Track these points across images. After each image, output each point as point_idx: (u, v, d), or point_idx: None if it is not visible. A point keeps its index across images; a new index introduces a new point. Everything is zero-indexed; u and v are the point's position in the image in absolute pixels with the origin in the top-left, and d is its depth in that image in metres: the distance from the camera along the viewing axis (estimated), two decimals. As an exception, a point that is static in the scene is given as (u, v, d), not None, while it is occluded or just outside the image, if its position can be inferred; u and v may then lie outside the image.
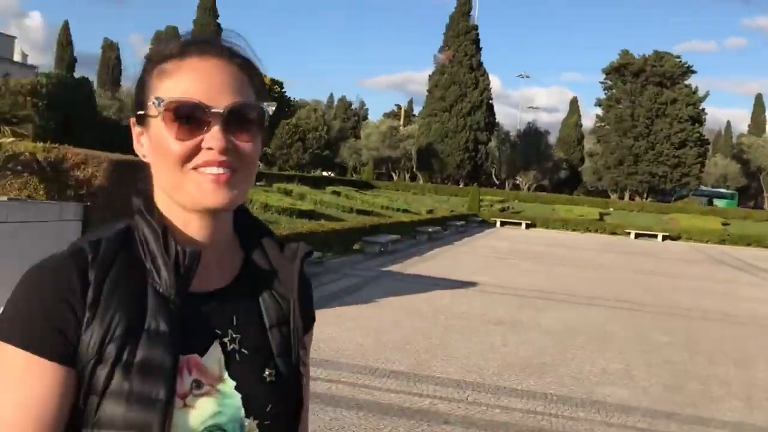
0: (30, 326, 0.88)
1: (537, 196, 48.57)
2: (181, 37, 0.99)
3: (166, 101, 0.93)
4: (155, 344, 0.90)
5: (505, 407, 5.66)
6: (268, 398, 0.99)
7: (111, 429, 0.88)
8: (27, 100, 39.20)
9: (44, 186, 7.33)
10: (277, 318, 1.03)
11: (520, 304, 11.06)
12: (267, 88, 1.05)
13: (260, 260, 1.05)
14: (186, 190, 0.94)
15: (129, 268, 0.93)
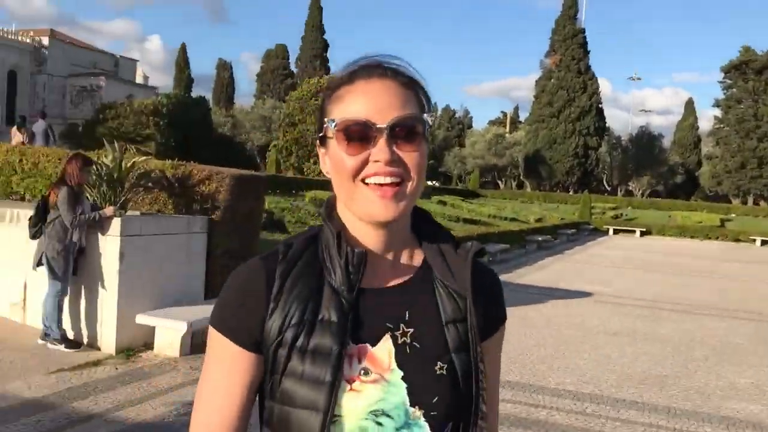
0: (228, 318, 1.08)
1: (651, 202, 46.65)
2: (351, 64, 1.10)
3: (337, 122, 1.05)
4: (326, 333, 1.03)
5: (626, 420, 5.51)
6: (436, 391, 1.05)
7: (288, 404, 1.03)
8: (149, 120, 41.79)
9: (172, 201, 7.80)
10: (454, 315, 1.09)
11: (636, 315, 10.70)
12: (431, 102, 1.13)
13: (436, 260, 1.12)
14: (358, 202, 1.05)
15: (310, 266, 1.08)
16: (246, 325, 1.06)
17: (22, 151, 8.93)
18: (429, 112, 1.09)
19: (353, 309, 1.05)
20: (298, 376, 1.02)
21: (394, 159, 1.03)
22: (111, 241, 6.53)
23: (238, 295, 1.08)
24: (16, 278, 7.15)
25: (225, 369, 1.07)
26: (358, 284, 1.06)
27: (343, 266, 1.05)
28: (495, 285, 1.20)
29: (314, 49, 71.64)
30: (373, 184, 1.03)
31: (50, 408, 4.97)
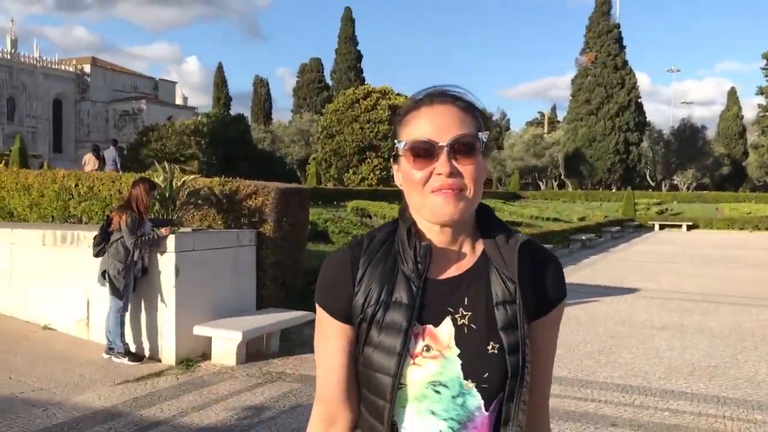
0: (326, 297, 1.33)
1: (697, 195, 45.83)
2: (418, 93, 1.32)
3: (405, 142, 1.27)
4: (398, 311, 1.25)
5: (675, 410, 5.57)
6: (486, 367, 1.24)
7: (368, 368, 1.27)
8: (191, 140, 42.70)
9: (221, 216, 8.10)
10: (503, 297, 1.26)
11: (684, 309, 10.65)
12: (489, 122, 1.35)
13: (492, 250, 1.30)
14: (427, 208, 1.26)
15: (388, 255, 1.30)
16: (340, 301, 1.30)
17: (78, 176, 9.37)
18: (485, 131, 1.28)
19: (421, 293, 1.25)
20: (375, 345, 1.26)
21: (453, 172, 1.22)
22: (167, 257, 6.85)
23: (332, 276, 1.32)
24: (79, 296, 7.52)
25: (328, 338, 1.33)
26: (425, 272, 1.26)
27: (412, 257, 1.27)
28: (553, 267, 1.34)
29: (348, 61, 72.31)
30: (437, 193, 1.23)
31: (120, 416, 5.26)
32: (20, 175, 10.02)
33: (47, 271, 7.86)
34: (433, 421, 1.24)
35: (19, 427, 4.96)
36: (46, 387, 5.95)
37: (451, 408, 1.23)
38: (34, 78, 75.02)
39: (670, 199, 43.55)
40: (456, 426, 1.23)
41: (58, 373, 6.37)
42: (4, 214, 9.92)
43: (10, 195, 9.80)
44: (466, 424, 1.24)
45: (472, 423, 1.24)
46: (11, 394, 5.70)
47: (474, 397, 1.24)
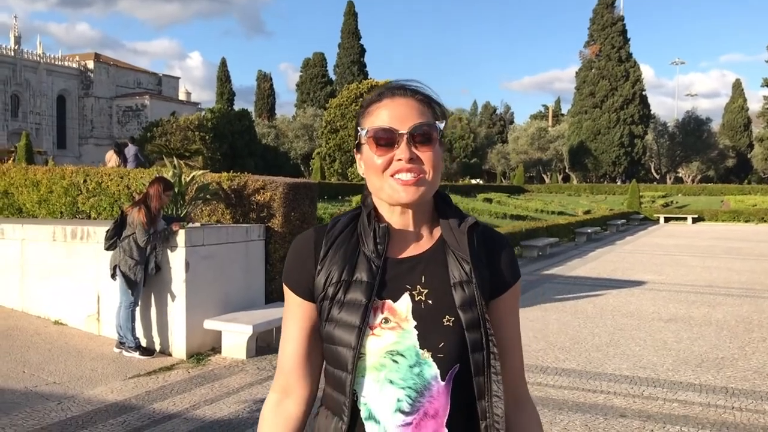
0: (290, 275, 1.42)
1: (702, 187, 45.75)
2: (379, 88, 1.41)
3: (368, 129, 1.35)
4: (358, 290, 1.32)
5: (683, 401, 5.60)
6: (442, 338, 1.31)
7: (330, 343, 1.34)
8: (195, 135, 42.69)
9: (230, 211, 8.14)
10: (460, 277, 1.33)
11: (691, 301, 10.67)
12: (445, 113, 1.42)
13: (448, 234, 1.38)
14: (386, 191, 1.33)
15: (350, 237, 1.38)
16: (302, 280, 1.39)
17: (86, 172, 9.41)
18: (441, 120, 1.37)
19: (380, 272, 1.33)
20: (336, 321, 1.33)
21: (413, 157, 1.31)
22: (177, 253, 6.89)
23: (296, 256, 1.42)
24: (89, 291, 7.58)
25: (291, 314, 1.42)
26: (384, 253, 1.34)
27: (372, 238, 1.35)
28: (503, 250, 1.42)
29: (351, 56, 72.23)
30: (397, 178, 1.31)
31: (133, 409, 5.31)
32: (29, 171, 10.07)
33: (57, 267, 7.91)
34: (391, 389, 1.30)
35: (35, 420, 5.01)
36: (60, 381, 6.00)
37: (409, 377, 1.30)
38: (37, 74, 75.10)
39: (676, 192, 43.51)
40: (413, 394, 1.29)
41: (70, 367, 6.43)
42: (14, 210, 9.97)
43: (19, 191, 9.85)
44: (423, 392, 1.30)
45: (429, 392, 1.30)
46: (26, 388, 5.76)
47: (430, 366, 1.30)
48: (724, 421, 5.15)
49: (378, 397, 1.30)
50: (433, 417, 1.30)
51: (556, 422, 5.08)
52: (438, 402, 1.30)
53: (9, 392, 5.65)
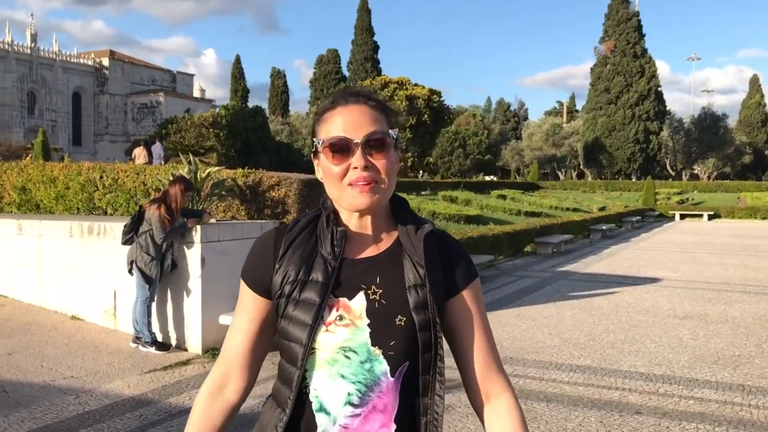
0: (248, 271, 1.47)
1: (719, 184, 45.39)
2: (332, 94, 1.44)
3: (324, 140, 1.38)
4: (313, 289, 1.37)
5: (699, 398, 5.57)
6: (393, 336, 1.36)
7: (284, 338, 1.39)
8: (209, 132, 42.87)
9: (245, 207, 8.18)
10: (414, 281, 1.38)
11: (707, 298, 10.60)
12: (398, 119, 1.48)
13: (405, 238, 1.42)
14: (344, 199, 1.37)
15: (309, 238, 1.43)
16: (259, 277, 1.44)
17: (102, 168, 9.49)
18: (394, 128, 1.41)
19: (336, 272, 1.38)
20: (290, 318, 1.37)
21: (368, 165, 1.34)
22: (193, 249, 6.94)
23: (256, 254, 1.46)
24: (105, 287, 7.64)
25: (244, 307, 1.47)
26: (341, 254, 1.39)
27: (329, 240, 1.40)
28: (457, 254, 1.47)
29: (365, 52, 72.23)
30: (355, 185, 1.35)
31: (149, 404, 5.36)
32: (46, 167, 10.16)
33: (74, 262, 7.98)
34: (342, 383, 1.34)
35: (53, 413, 5.07)
36: (77, 375, 6.06)
37: (360, 372, 1.34)
38: (53, 72, 75.70)
39: (691, 189, 43.22)
40: (363, 389, 1.34)
41: (87, 361, 6.49)
42: (31, 206, 10.07)
43: (36, 187, 9.95)
44: (372, 387, 1.34)
45: (379, 387, 1.35)
46: (44, 382, 5.82)
47: (381, 363, 1.35)
48: (741, 418, 5.12)
49: (329, 390, 1.35)
50: (381, 411, 1.35)
51: (571, 419, 5.07)
52: (387, 397, 1.35)
53: (28, 386, 5.71)
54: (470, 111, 72.52)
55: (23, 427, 4.77)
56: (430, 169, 54.71)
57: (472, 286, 1.47)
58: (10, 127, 64.98)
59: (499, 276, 12.93)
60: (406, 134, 37.72)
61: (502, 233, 15.76)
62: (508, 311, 9.32)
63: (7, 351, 6.71)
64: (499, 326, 8.33)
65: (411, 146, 38.70)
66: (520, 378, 6.09)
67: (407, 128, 37.72)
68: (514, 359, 6.76)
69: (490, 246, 14.34)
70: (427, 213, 19.86)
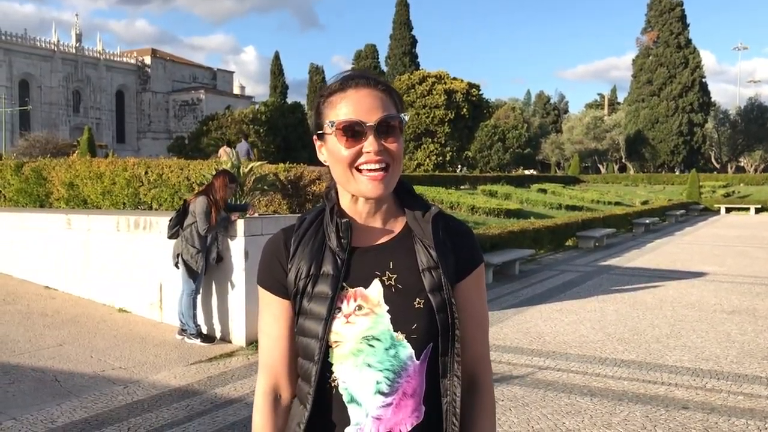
0: (264, 276, 1.46)
1: (766, 177, 44.21)
2: (338, 75, 1.43)
3: (336, 122, 1.35)
4: (325, 282, 1.37)
5: (749, 394, 5.45)
6: (414, 320, 1.36)
7: (302, 335, 1.40)
8: (249, 128, 43.32)
9: (286, 201, 8.26)
10: (428, 264, 1.39)
11: (755, 293, 10.36)
12: (404, 104, 1.46)
13: (414, 222, 1.43)
14: (353, 185, 1.36)
15: (316, 233, 1.43)
16: (276, 279, 1.43)
17: (147, 163, 9.66)
18: (403, 112, 1.40)
19: (348, 263, 1.38)
20: (306, 313, 1.38)
21: (380, 149, 1.33)
22: (237, 242, 7.03)
23: (267, 258, 1.46)
24: (152, 280, 7.79)
25: (271, 314, 1.46)
26: (348, 245, 1.39)
27: (335, 233, 1.39)
28: (465, 236, 1.47)
29: (403, 47, 72.13)
30: (365, 170, 1.34)
31: (196, 394, 5.46)
32: (93, 163, 10.39)
33: (121, 256, 8.16)
34: (370, 372, 1.35)
35: (103, 402, 5.20)
36: (125, 366, 6.21)
37: (386, 359, 1.34)
38: (97, 71, 77.35)
39: (737, 182, 42.23)
40: (391, 376, 1.35)
41: (135, 353, 6.64)
42: (79, 201, 10.32)
43: (83, 183, 10.18)
44: (400, 373, 1.35)
45: (406, 372, 1.36)
46: (94, 372, 5.97)
47: (405, 347, 1.35)
48: (793, 414, 5.00)
49: (358, 380, 1.36)
50: (411, 396, 1.36)
51: (615, 413, 5.01)
52: (414, 381, 1.37)
53: (79, 376, 5.86)
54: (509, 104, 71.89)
55: (75, 416, 4.90)
56: (468, 163, 54.42)
57: (478, 271, 1.48)
58: (57, 125, 66.61)
59: (541, 270, 12.82)
60: (445, 128, 37.57)
61: (543, 227, 15.60)
62: (551, 305, 9.24)
63: (58, 342, 6.90)
64: (542, 320, 8.26)
65: (450, 140, 38.50)
66: (564, 372, 6.04)
67: (446, 122, 37.55)
68: (556, 353, 6.70)
69: (531, 240, 14.22)
70: (467, 207, 19.78)
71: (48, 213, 9.36)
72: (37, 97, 71.34)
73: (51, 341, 6.92)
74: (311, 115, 1.51)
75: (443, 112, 37.38)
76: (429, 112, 36.84)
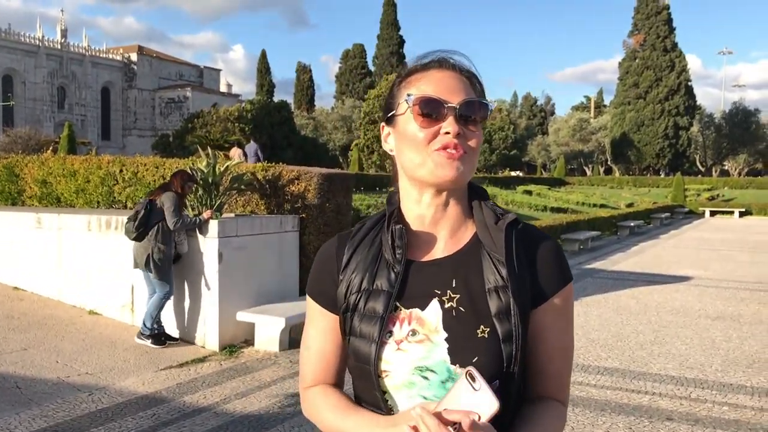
0: (313, 286, 1.33)
1: (750, 180, 44.44)
2: (423, 57, 1.27)
3: (413, 97, 1.19)
4: (377, 298, 1.20)
5: (734, 404, 5.31)
6: (475, 351, 1.15)
7: (352, 358, 1.24)
8: (235, 126, 43.00)
9: (264, 202, 8.04)
10: (495, 283, 1.17)
11: (740, 298, 10.26)
12: (485, 93, 1.27)
13: (483, 233, 1.22)
14: (427, 166, 1.18)
15: (373, 242, 1.26)
16: (325, 291, 1.29)
17: (122, 161, 9.41)
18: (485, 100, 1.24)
19: (405, 278, 1.21)
20: (357, 334, 1.22)
21: (460, 133, 1.17)
22: (210, 243, 6.81)
23: (319, 267, 1.33)
24: (124, 281, 7.55)
25: (317, 327, 1.32)
26: (403, 257, 1.21)
27: (389, 241, 1.23)
28: (547, 250, 1.25)
29: (390, 46, 71.94)
30: (442, 150, 1.17)
31: (163, 402, 5.24)
32: (67, 161, 10.12)
33: (93, 256, 7.91)
34: None
35: (65, 411, 4.97)
36: (92, 371, 5.97)
37: (443, 393, 1.13)
38: (83, 67, 76.56)
39: (722, 185, 42.38)
40: None
41: (103, 357, 6.40)
42: (52, 199, 10.05)
43: (57, 181, 9.92)
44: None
45: None
46: (58, 378, 5.74)
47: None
48: (779, 427, 4.86)
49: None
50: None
51: (598, 424, 4.85)
52: None
53: (41, 382, 5.63)
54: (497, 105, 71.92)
55: (34, 425, 4.68)
56: (455, 164, 54.23)
57: (563, 293, 1.24)
58: (41, 122, 65.82)
59: (524, 273, 12.67)
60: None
61: (528, 229, 15.38)
62: (533, 310, 9.08)
63: (22, 346, 6.65)
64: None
65: (436, 141, 38.50)
66: (545, 380, 5.87)
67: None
68: (538, 360, 6.53)
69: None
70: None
71: (18, 212, 9.09)
72: (21, 92, 70.47)
73: (15, 345, 6.67)
74: (297, 114, 1.29)
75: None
76: (415, 113, 36.77)
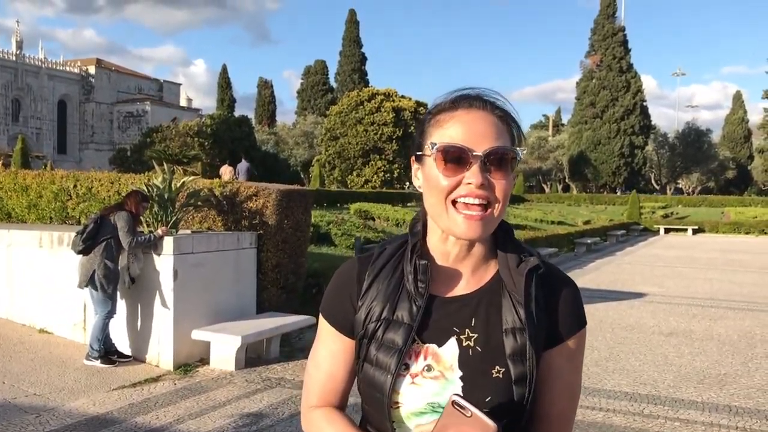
0: (329, 308, 1.30)
1: (703, 199, 45.53)
2: (452, 92, 1.22)
3: (438, 145, 1.16)
4: (396, 329, 1.19)
5: (685, 420, 5.40)
6: (489, 391, 1.16)
7: (364, 384, 1.23)
8: (194, 141, 42.60)
9: (221, 218, 7.96)
10: (513, 324, 1.18)
11: (692, 314, 10.47)
12: (523, 136, 1.24)
13: (506, 272, 1.22)
14: (445, 220, 1.17)
15: (395, 270, 1.24)
16: (342, 314, 1.27)
17: (77, 177, 9.23)
18: (520, 145, 1.21)
19: (425, 312, 1.19)
20: (372, 362, 1.21)
21: (484, 183, 1.14)
22: (165, 260, 6.71)
23: (336, 289, 1.30)
24: (75, 299, 7.38)
25: (328, 349, 1.30)
26: (426, 292, 1.19)
27: (412, 274, 1.21)
28: (567, 294, 1.25)
29: (352, 63, 72.18)
30: (461, 203, 1.14)
31: (114, 423, 5.12)
32: (19, 175, 9.89)
33: (44, 274, 7.73)
34: None
35: (10, 434, 4.82)
36: (41, 392, 5.81)
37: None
38: (39, 79, 75.04)
39: (676, 203, 43.32)
40: None
41: (53, 377, 6.24)
42: (3, 215, 9.79)
43: (8, 196, 9.68)
44: None
45: None
46: (4, 400, 5.56)
47: None
48: (728, 441, 4.95)
49: None
50: None
51: (552, 441, 4.87)
52: None
53: (-14, 404, 5.45)
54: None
55: (-23, 449, 4.52)
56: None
57: (577, 337, 1.24)
58: (-7, 135, 64.26)
59: (483, 290, 12.75)
60: (393, 146, 37.61)
61: (487, 246, 15.52)
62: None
63: (-32, 366, 6.44)
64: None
65: (398, 158, 38.54)
66: (502, 397, 5.90)
67: (394, 140, 37.60)
68: (495, 377, 6.57)
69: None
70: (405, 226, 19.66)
71: (-33, 227, 8.83)
72: (-27, 104, 68.80)
73: (-40, 365, 6.46)
74: (259, 129, 1.27)
75: (391, 130, 37.39)
76: (377, 129, 36.82)
